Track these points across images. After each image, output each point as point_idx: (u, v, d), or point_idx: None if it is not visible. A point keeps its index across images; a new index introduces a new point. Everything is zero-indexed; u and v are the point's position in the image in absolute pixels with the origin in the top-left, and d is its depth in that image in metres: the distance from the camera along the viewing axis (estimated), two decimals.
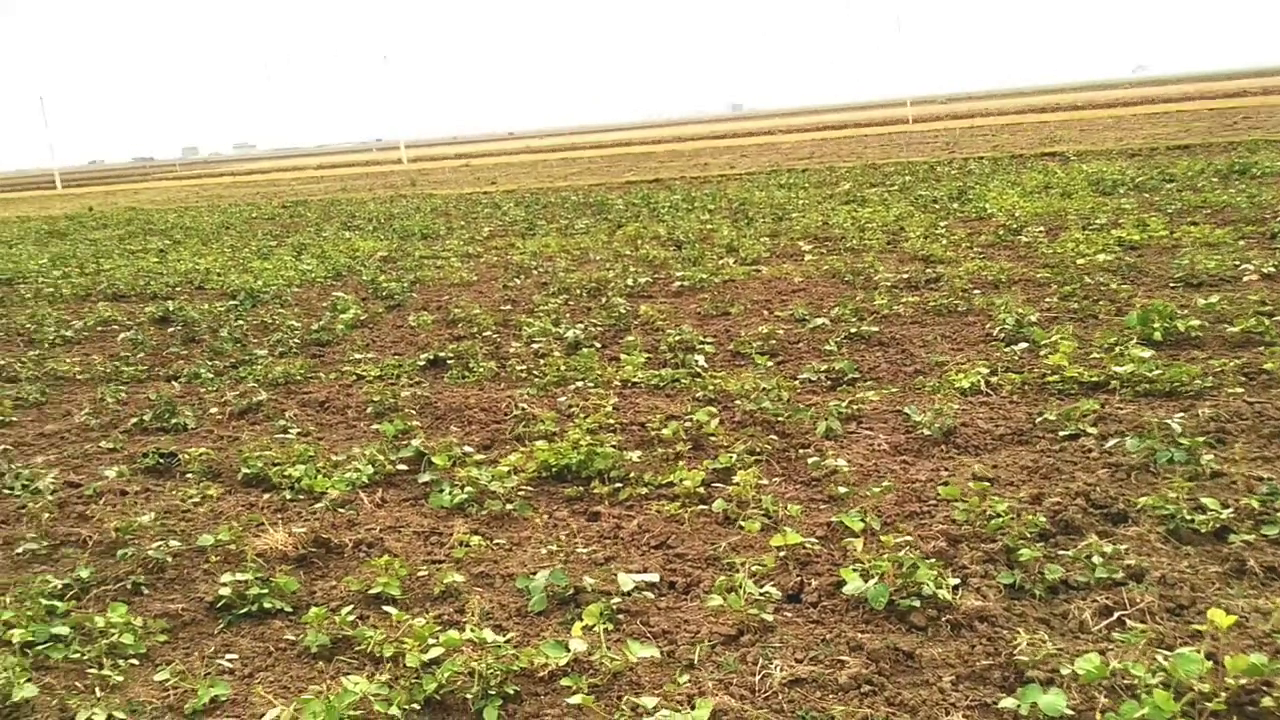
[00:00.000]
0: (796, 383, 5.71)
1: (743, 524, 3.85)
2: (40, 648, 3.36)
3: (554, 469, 4.66)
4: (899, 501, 4.03)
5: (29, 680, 3.13)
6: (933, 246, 9.61)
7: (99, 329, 9.25)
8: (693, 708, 2.63)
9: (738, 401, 5.38)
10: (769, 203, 14.89)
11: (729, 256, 10.33)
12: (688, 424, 5.01)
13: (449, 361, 6.94)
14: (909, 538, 3.58)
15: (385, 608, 3.43)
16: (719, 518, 4.03)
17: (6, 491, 5.00)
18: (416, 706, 2.85)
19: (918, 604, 3.15)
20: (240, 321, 8.95)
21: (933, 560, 3.35)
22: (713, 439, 4.86)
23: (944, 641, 3.03)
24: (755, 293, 8.48)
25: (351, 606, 3.45)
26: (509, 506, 4.31)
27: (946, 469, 4.37)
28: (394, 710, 2.78)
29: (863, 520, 3.67)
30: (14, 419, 6.44)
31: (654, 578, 3.48)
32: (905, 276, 8.42)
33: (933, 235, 10.37)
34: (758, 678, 2.88)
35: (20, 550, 4.24)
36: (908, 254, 9.64)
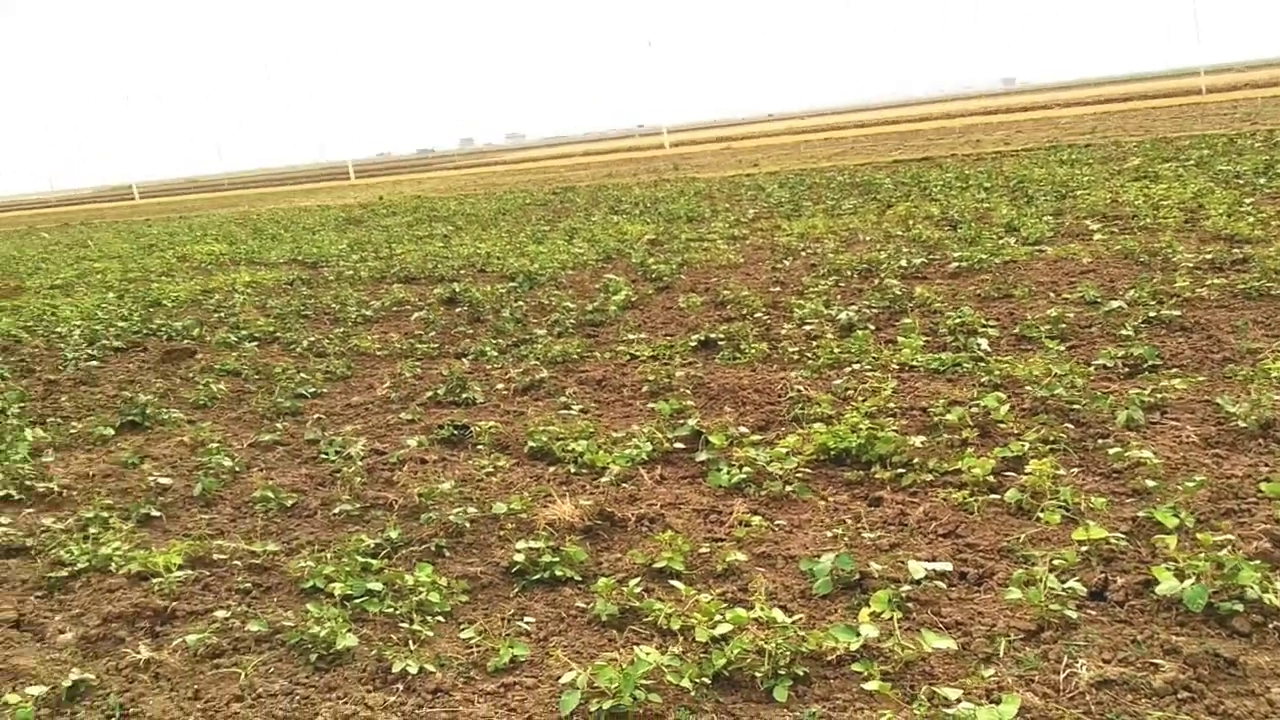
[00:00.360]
0: (1091, 369, 5.38)
1: (1040, 515, 3.68)
2: (357, 601, 3.63)
3: (832, 452, 4.60)
4: (1213, 498, 3.72)
5: (349, 631, 3.40)
6: (1238, 225, 8.82)
7: (394, 309, 9.90)
8: (996, 703, 2.52)
9: (1027, 387, 5.13)
10: (1050, 180, 14.12)
11: (1009, 236, 9.87)
12: (974, 410, 4.82)
13: (720, 342, 6.99)
14: (1229, 536, 3.29)
15: (671, 582, 3.50)
16: (1012, 508, 3.85)
17: (323, 457, 5.45)
18: (706, 680, 2.89)
19: (1240, 608, 2.91)
20: (520, 302, 9.36)
21: (1257, 561, 3.07)
22: (1001, 426, 4.65)
23: (1271, 649, 2.78)
24: (1040, 274, 8.06)
25: (638, 579, 3.53)
26: (788, 488, 4.29)
27: (1267, 464, 4.00)
28: (685, 683, 2.82)
29: (1176, 516, 3.42)
30: (325, 390, 7.00)
31: (946, 566, 3.38)
32: (1208, 257, 7.77)
33: (1237, 213, 9.52)
34: (1062, 676, 2.74)
35: (337, 511, 4.60)
36: (1209, 233, 8.89)
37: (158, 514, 4.79)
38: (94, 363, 8.40)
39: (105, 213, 44.01)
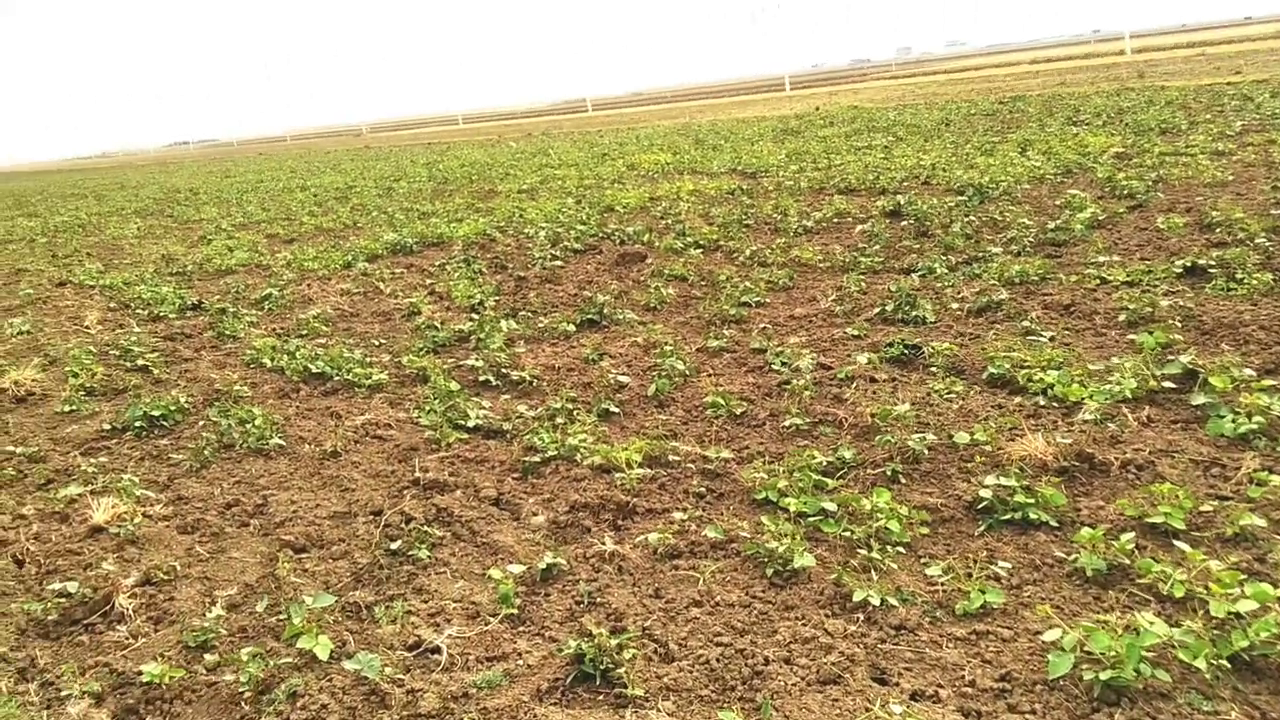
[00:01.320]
0: None
1: None
2: (811, 519, 3.53)
3: None
4: None
5: (806, 550, 3.29)
6: None
7: (835, 220, 9.69)
8: None
9: None
10: None
11: None
12: None
13: (1211, 270, 6.13)
14: None
15: (1172, 541, 3.07)
16: None
17: (769, 367, 5.39)
18: (1223, 663, 2.48)
19: None
20: (970, 217, 8.80)
21: None
22: None
23: None
24: None
25: (1129, 533, 3.12)
26: None
27: None
28: (1199, 662, 2.44)
29: None
30: (767, 300, 6.96)
31: None
32: None
33: None
34: None
35: (786, 424, 4.52)
36: None
37: (616, 410, 4.97)
38: (557, 262, 8.96)
39: (562, 124, 47.32)
